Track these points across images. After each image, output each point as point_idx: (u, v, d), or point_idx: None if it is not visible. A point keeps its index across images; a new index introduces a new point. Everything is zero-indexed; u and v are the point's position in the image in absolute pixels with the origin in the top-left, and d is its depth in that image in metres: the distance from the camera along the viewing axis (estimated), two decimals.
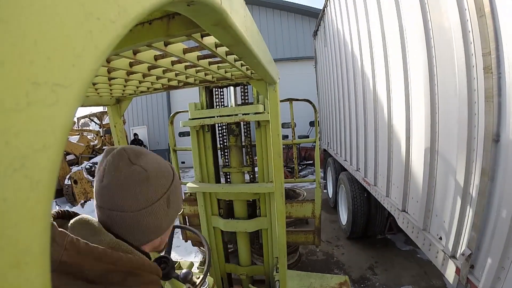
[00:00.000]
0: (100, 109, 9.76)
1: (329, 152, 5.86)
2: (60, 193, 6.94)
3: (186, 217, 2.92)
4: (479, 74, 1.33)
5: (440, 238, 1.73)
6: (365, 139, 3.29)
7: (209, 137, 2.32)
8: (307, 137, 8.63)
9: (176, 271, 1.30)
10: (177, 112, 2.75)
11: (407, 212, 2.23)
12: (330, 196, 5.72)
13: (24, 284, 0.14)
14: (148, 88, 1.26)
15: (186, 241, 2.93)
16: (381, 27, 2.53)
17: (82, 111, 9.56)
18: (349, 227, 4.10)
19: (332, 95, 5.39)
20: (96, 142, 8.78)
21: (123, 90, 1.20)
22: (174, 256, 3.92)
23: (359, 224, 3.90)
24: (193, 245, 2.98)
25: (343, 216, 4.49)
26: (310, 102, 2.58)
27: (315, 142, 2.52)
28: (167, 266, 1.25)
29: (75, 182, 6.87)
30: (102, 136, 9.09)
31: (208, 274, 1.44)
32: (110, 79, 0.95)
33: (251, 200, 2.39)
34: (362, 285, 3.31)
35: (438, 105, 1.74)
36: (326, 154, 6.31)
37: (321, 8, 5.51)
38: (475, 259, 1.39)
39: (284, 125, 3.84)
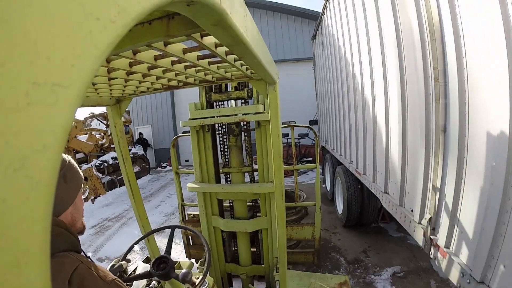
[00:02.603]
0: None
1: (327, 149, 6.32)
2: None
3: (190, 237, 2.94)
4: (433, 82, 1.72)
5: (412, 210, 2.13)
6: (356, 134, 3.74)
7: (209, 137, 2.32)
8: (307, 135, 9.10)
9: (176, 271, 1.30)
10: (179, 136, 2.92)
11: (388, 194, 2.67)
12: (328, 189, 6.10)
13: (24, 284, 0.14)
14: (148, 88, 1.26)
15: (189, 259, 2.93)
16: (367, 40, 3.02)
17: (90, 111, 9.74)
18: (344, 216, 4.49)
19: (328, 96, 5.89)
20: (104, 141, 9.05)
21: (123, 90, 1.20)
22: (174, 255, 3.92)
23: (354, 212, 4.31)
24: (197, 264, 2.86)
25: (340, 206, 4.90)
26: (311, 128, 2.84)
27: (314, 168, 2.73)
28: (166, 266, 1.25)
29: (86, 179, 7.21)
30: (109, 135, 9.29)
31: (208, 274, 1.44)
32: (110, 79, 0.95)
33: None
34: (356, 266, 3.64)
35: (407, 105, 2.17)
36: (324, 150, 6.74)
37: (318, 9, 5.84)
38: (435, 223, 1.79)
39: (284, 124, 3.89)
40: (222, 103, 2.38)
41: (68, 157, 0.77)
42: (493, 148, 1.29)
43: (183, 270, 1.24)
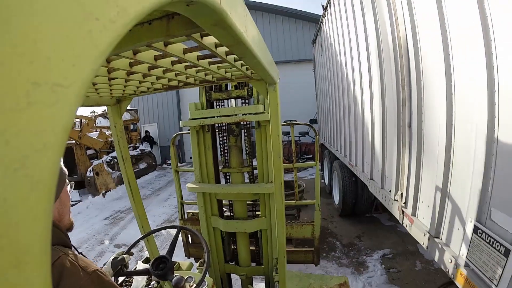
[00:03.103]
0: None
1: (325, 146, 6.85)
2: (82, 184, 7.66)
3: (190, 236, 2.93)
4: (401, 89, 2.22)
5: (390, 191, 2.64)
6: (349, 131, 4.30)
7: (209, 137, 2.32)
8: (307, 133, 9.46)
9: (176, 271, 1.30)
10: (178, 134, 2.96)
11: (373, 180, 3.21)
12: (327, 183, 6.56)
13: (24, 284, 0.15)
14: (148, 88, 1.26)
15: (189, 257, 2.91)
16: (358, 52, 3.55)
17: (98, 110, 10.04)
18: (340, 205, 5.02)
19: (327, 96, 6.43)
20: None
21: (123, 90, 1.20)
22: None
23: (349, 202, 4.80)
24: (197, 263, 2.63)
25: (336, 197, 5.42)
26: (311, 126, 2.85)
27: (314, 166, 2.72)
28: (165, 267, 1.25)
29: (97, 174, 7.61)
30: None
31: (208, 274, 1.44)
32: (110, 79, 0.95)
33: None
34: (350, 248, 4.14)
35: (386, 106, 2.71)
36: (323, 147, 7.17)
37: (318, 12, 6.34)
38: (406, 198, 2.22)
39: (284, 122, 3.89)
40: (222, 102, 2.38)
41: None
42: (438, 138, 1.75)
43: (176, 276, 1.23)
